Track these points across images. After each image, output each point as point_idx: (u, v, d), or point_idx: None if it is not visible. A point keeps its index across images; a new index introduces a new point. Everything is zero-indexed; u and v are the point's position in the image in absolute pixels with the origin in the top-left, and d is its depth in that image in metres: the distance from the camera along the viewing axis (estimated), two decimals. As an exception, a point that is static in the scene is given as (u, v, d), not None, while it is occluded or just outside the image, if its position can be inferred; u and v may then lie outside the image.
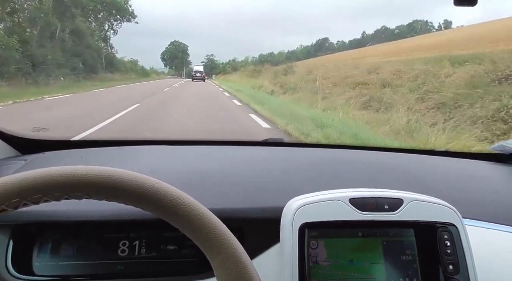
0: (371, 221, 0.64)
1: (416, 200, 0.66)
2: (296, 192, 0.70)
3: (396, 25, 46.72)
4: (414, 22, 36.93)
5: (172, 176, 0.82)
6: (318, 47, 54.00)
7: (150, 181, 0.44)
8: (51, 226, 0.70)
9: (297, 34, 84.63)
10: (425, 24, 36.07)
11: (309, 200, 0.65)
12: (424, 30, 34.47)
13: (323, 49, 50.08)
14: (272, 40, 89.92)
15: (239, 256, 0.43)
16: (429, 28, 35.52)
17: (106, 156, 1.06)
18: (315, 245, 0.63)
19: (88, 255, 0.69)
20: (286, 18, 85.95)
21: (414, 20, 36.76)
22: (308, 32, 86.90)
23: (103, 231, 0.71)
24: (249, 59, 63.37)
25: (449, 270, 0.63)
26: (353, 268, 0.63)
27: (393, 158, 1.19)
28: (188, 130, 6.25)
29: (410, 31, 35.65)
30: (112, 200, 0.44)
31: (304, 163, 1.04)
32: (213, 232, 0.44)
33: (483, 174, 1.06)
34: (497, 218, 0.76)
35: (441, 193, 0.71)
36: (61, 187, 0.42)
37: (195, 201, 0.45)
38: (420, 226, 0.66)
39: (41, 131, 2.19)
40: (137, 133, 5.69)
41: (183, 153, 1.13)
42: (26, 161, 0.94)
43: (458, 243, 0.64)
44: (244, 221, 0.70)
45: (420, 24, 36.06)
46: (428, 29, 35.01)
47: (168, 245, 0.71)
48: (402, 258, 0.64)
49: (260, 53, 72.11)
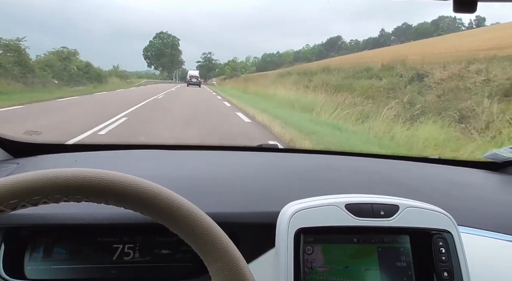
0: (367, 227, 0.64)
1: (411, 206, 0.67)
2: (291, 197, 0.70)
3: (418, 22, 40.45)
4: (440, 19, 32.80)
5: (167, 181, 0.82)
6: (330, 46, 49.66)
7: (152, 186, 0.44)
8: (44, 230, 0.69)
9: (297, 35, 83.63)
10: (453, 21, 32.09)
11: (305, 205, 0.65)
12: (452, 28, 30.63)
13: (335, 48, 46.26)
14: (269, 41, 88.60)
15: (237, 263, 0.43)
16: (457, 25, 31.43)
17: (100, 160, 1.05)
18: (310, 250, 0.63)
19: (80, 259, 0.68)
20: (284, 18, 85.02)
21: (440, 17, 32.56)
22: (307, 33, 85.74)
23: (96, 235, 0.70)
24: (251, 59, 55.45)
25: (444, 277, 0.63)
26: (348, 274, 0.63)
27: (387, 165, 1.19)
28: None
29: (436, 29, 31.89)
30: (112, 204, 0.44)
31: (299, 169, 1.04)
32: (212, 238, 0.44)
33: (475, 182, 1.07)
34: (489, 226, 0.77)
35: (434, 200, 0.72)
36: (61, 189, 0.41)
37: (195, 206, 0.45)
38: (416, 233, 0.66)
39: (33, 134, 2.17)
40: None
41: (178, 158, 1.13)
42: (18, 164, 0.93)
43: (453, 250, 0.65)
44: (239, 225, 0.70)
45: (446, 21, 32.41)
46: (457, 27, 31.08)
47: (162, 250, 0.71)
48: (397, 265, 0.65)
49: (264, 52, 63.20)
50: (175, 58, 45.76)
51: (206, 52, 57.21)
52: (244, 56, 78.36)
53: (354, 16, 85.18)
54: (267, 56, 57.33)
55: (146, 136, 5.86)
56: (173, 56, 45.08)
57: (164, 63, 44.94)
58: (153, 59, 45.13)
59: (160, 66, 46.49)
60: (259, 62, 53.03)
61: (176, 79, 47.01)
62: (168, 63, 45.19)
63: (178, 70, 48.70)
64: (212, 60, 53.83)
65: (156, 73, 47.39)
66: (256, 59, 57.01)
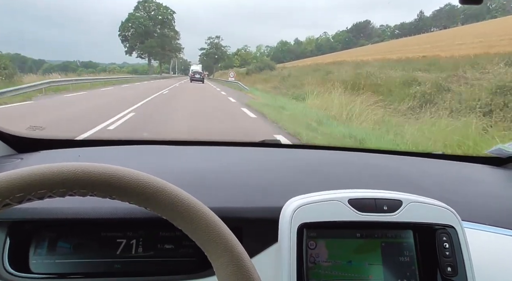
0: (370, 222, 0.64)
1: (415, 201, 0.66)
2: (294, 192, 0.70)
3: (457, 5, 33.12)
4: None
5: (170, 176, 0.82)
6: (357, 33, 40.85)
7: (156, 181, 0.44)
8: (48, 224, 0.69)
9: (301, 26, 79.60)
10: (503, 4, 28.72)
11: (308, 200, 0.65)
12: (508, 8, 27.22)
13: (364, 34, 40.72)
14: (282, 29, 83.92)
15: (241, 258, 0.44)
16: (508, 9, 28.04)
17: (103, 156, 1.05)
18: (313, 245, 0.63)
19: (85, 253, 0.69)
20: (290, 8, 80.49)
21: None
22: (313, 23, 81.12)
23: (100, 229, 0.70)
24: (262, 48, 46.37)
25: (447, 272, 0.63)
26: (351, 269, 0.63)
27: (391, 160, 1.19)
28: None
29: (489, 11, 28.22)
30: (117, 199, 0.44)
31: (301, 164, 1.04)
32: (217, 233, 0.44)
33: (480, 177, 1.07)
34: (494, 221, 0.77)
35: (438, 196, 0.72)
36: (66, 183, 0.41)
37: (198, 201, 0.45)
38: (419, 228, 0.66)
39: (37, 130, 2.19)
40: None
41: (182, 153, 1.13)
42: (22, 159, 0.93)
43: (456, 245, 0.64)
44: (242, 220, 0.70)
45: (495, 2, 28.74)
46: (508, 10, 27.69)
47: (165, 244, 0.71)
48: (400, 260, 0.64)
49: (280, 40, 52.11)
50: (167, 41, 28.50)
51: (213, 36, 40.59)
52: (254, 45, 67.72)
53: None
54: (283, 44, 48.84)
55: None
56: (165, 38, 28.06)
57: (151, 48, 27.49)
58: (134, 42, 27.56)
59: (146, 52, 28.63)
60: (274, 52, 45.18)
61: (176, 72, 31.99)
62: (158, 48, 28.05)
63: (174, 59, 31.78)
64: (220, 47, 39.35)
65: (148, 64, 30.60)
66: (267, 48, 48.36)
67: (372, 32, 42.79)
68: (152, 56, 30.24)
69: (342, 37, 43.73)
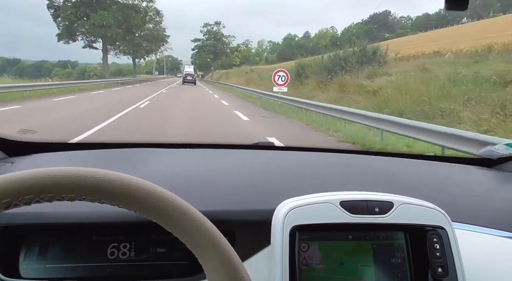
0: (362, 224, 0.65)
1: (406, 203, 0.67)
2: (287, 195, 0.70)
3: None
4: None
5: (161, 179, 0.82)
6: (379, 24, 36.53)
7: (145, 184, 0.44)
8: (38, 229, 0.69)
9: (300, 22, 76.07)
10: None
11: (300, 202, 0.65)
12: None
13: (385, 27, 37.12)
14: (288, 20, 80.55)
15: (232, 260, 0.43)
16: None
17: (95, 159, 1.05)
18: (306, 247, 0.63)
19: (76, 258, 0.68)
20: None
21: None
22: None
23: (91, 233, 0.70)
24: (264, 44, 40.00)
25: (438, 273, 0.64)
26: (343, 271, 0.63)
27: (382, 162, 1.20)
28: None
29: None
30: (106, 203, 0.43)
31: (294, 166, 1.04)
32: (206, 236, 0.44)
33: (470, 179, 1.08)
34: (484, 222, 0.77)
35: (429, 197, 0.72)
36: (54, 188, 0.41)
37: (188, 204, 0.45)
38: (410, 229, 0.66)
39: (28, 133, 2.16)
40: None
41: (173, 156, 1.12)
42: (13, 163, 0.92)
43: (447, 246, 0.65)
44: (235, 223, 0.70)
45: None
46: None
47: (158, 248, 0.71)
48: (392, 261, 0.65)
49: (288, 33, 46.35)
50: (135, 18, 16.66)
51: (211, 23, 30.62)
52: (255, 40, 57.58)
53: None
54: (291, 38, 41.46)
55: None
56: (130, 11, 16.14)
57: (104, 28, 15.57)
58: (71, 15, 16.10)
59: (97, 36, 16.50)
60: (281, 48, 38.83)
61: (164, 73, 23.90)
62: (118, 29, 15.80)
63: (151, 53, 20.97)
64: (221, 37, 30.29)
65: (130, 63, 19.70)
66: (270, 44, 42.03)
67: (394, 24, 39.73)
68: (113, 45, 18.44)
69: (357, 30, 38.23)
